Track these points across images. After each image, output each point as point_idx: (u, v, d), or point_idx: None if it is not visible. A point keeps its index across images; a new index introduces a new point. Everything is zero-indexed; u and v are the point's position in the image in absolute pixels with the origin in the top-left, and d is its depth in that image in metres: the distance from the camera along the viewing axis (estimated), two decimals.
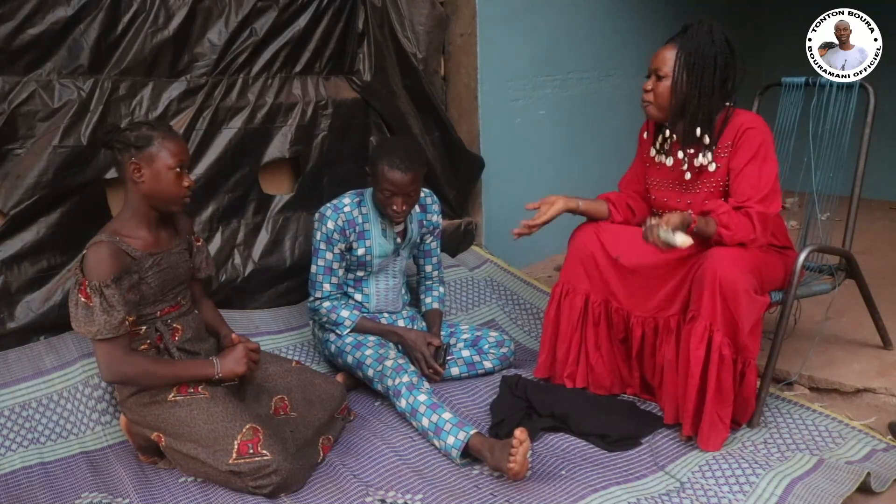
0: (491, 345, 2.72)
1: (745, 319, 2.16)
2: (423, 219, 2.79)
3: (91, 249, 2.00)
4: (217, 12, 2.74)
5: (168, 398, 2.07)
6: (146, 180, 2.05)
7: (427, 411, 2.27)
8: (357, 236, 2.62)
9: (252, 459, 1.99)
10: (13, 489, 2.08)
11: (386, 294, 2.75)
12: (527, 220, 2.46)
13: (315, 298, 2.66)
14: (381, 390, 2.46)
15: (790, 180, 2.72)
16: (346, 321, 2.63)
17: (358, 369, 2.55)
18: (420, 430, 2.30)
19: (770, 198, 2.26)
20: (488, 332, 2.78)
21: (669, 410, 2.30)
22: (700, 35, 2.26)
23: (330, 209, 2.61)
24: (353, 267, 2.69)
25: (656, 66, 2.32)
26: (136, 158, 2.03)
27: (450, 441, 2.18)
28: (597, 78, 4.10)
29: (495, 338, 2.74)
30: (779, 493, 1.94)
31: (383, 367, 2.45)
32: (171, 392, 2.08)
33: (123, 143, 2.03)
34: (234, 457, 1.99)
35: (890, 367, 2.62)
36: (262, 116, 2.87)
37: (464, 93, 3.50)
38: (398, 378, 2.38)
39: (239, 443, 2.00)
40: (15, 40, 2.35)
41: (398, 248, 2.71)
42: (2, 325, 2.41)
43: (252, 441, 2.01)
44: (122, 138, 2.04)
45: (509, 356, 2.73)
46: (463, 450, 2.16)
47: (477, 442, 2.14)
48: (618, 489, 2.02)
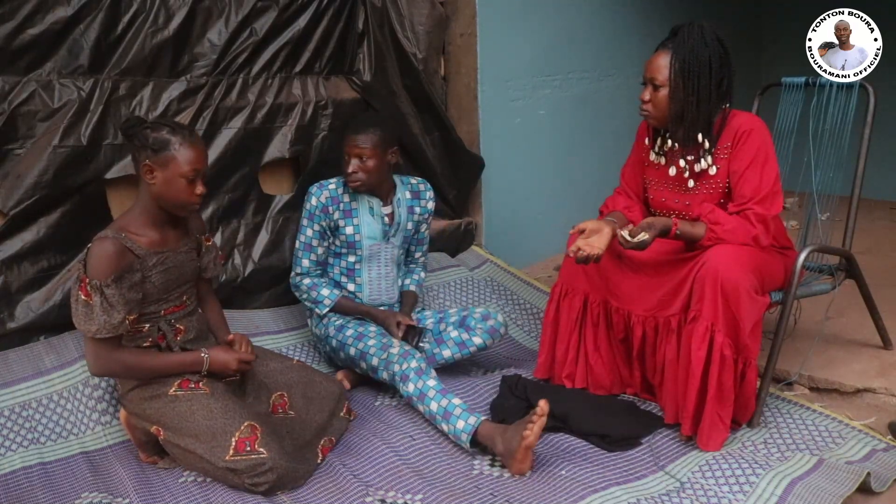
0: (477, 320, 2.68)
1: (747, 319, 2.16)
2: (417, 205, 2.79)
3: (95, 244, 1.99)
4: (217, 12, 2.73)
5: (168, 392, 2.07)
6: (157, 183, 2.03)
7: (437, 395, 2.27)
8: (343, 214, 2.64)
9: (248, 457, 1.99)
10: (13, 489, 2.08)
11: (379, 283, 2.74)
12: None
13: (295, 274, 2.70)
14: (386, 378, 2.45)
15: (790, 180, 2.72)
16: (325, 300, 2.65)
17: (361, 360, 2.54)
18: (427, 415, 2.29)
19: (770, 199, 2.26)
20: (474, 309, 2.76)
21: (670, 410, 2.30)
22: (692, 38, 2.23)
23: (315, 186, 2.66)
24: (344, 251, 2.69)
25: (651, 75, 2.29)
26: (151, 160, 2.02)
27: (459, 425, 2.18)
28: (597, 78, 4.11)
29: (481, 312, 2.71)
30: (779, 493, 1.94)
31: (388, 354, 2.45)
32: (171, 387, 2.08)
33: (141, 142, 2.02)
34: (231, 454, 1.99)
35: (890, 367, 2.62)
36: (262, 116, 2.87)
37: (464, 93, 3.50)
38: (406, 363, 2.37)
39: (237, 440, 2.00)
40: (15, 40, 2.35)
41: (387, 232, 2.70)
42: (2, 325, 2.41)
43: (249, 439, 2.01)
44: (142, 136, 2.02)
45: (498, 328, 2.67)
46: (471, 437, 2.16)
47: (487, 428, 2.15)
48: (618, 489, 2.02)
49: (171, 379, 2.10)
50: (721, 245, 2.21)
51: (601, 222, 2.33)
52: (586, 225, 2.32)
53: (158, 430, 2.10)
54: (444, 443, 2.28)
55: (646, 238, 2.21)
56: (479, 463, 2.18)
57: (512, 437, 2.09)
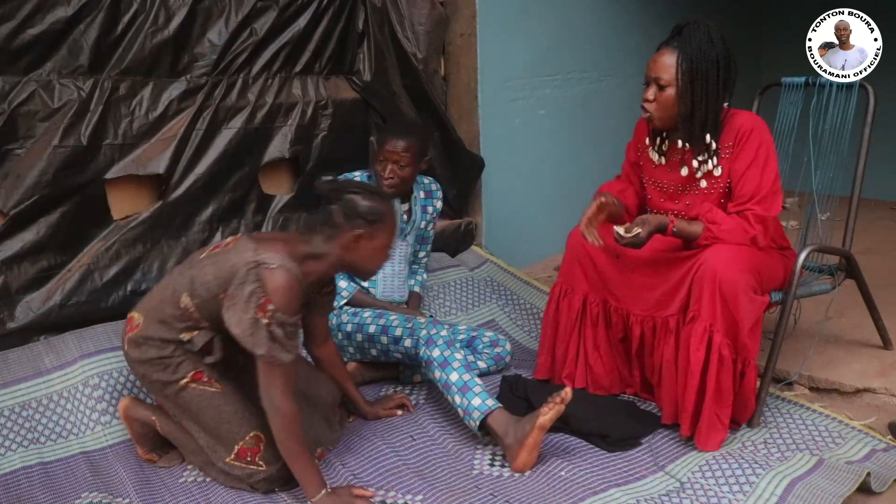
0: (485, 345, 2.71)
1: (745, 319, 2.16)
2: (430, 204, 2.85)
3: (277, 273, 1.87)
4: (217, 12, 2.74)
5: (180, 382, 2.03)
6: (360, 251, 1.99)
7: (460, 368, 2.27)
8: None
9: (247, 467, 2.00)
10: (13, 489, 2.08)
11: (392, 280, 2.77)
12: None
13: None
14: (409, 344, 2.42)
15: (790, 180, 2.71)
16: (343, 291, 2.66)
17: (382, 335, 2.52)
18: (442, 383, 2.27)
19: (769, 200, 2.25)
20: (484, 332, 2.78)
21: (668, 410, 2.30)
22: (698, 37, 2.20)
23: (342, 177, 2.68)
24: None
25: (656, 74, 2.25)
26: (363, 230, 1.97)
27: (475, 402, 2.19)
28: (597, 78, 4.10)
29: (490, 338, 2.74)
30: (779, 493, 1.94)
31: (414, 323, 2.45)
32: (185, 377, 2.03)
33: (352, 211, 1.96)
34: (231, 457, 2.00)
35: (890, 367, 2.62)
36: (262, 116, 2.87)
37: (464, 93, 3.50)
38: (436, 330, 2.37)
39: (239, 447, 2.01)
40: (15, 40, 2.35)
41: (404, 229, 2.75)
42: (2, 325, 2.41)
43: (252, 451, 2.01)
44: (352, 206, 1.95)
45: (504, 356, 2.72)
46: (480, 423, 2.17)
47: (502, 415, 2.16)
48: (617, 491, 2.02)
49: (184, 369, 2.03)
50: (719, 245, 2.20)
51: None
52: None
53: (155, 422, 2.07)
54: (445, 443, 2.28)
55: (640, 233, 2.20)
56: (479, 463, 2.18)
57: (525, 424, 2.10)
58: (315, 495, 1.91)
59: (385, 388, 2.60)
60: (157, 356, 2.04)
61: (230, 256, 1.96)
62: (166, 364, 2.04)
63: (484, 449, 2.25)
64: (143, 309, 2.11)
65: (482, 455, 2.22)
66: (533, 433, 2.08)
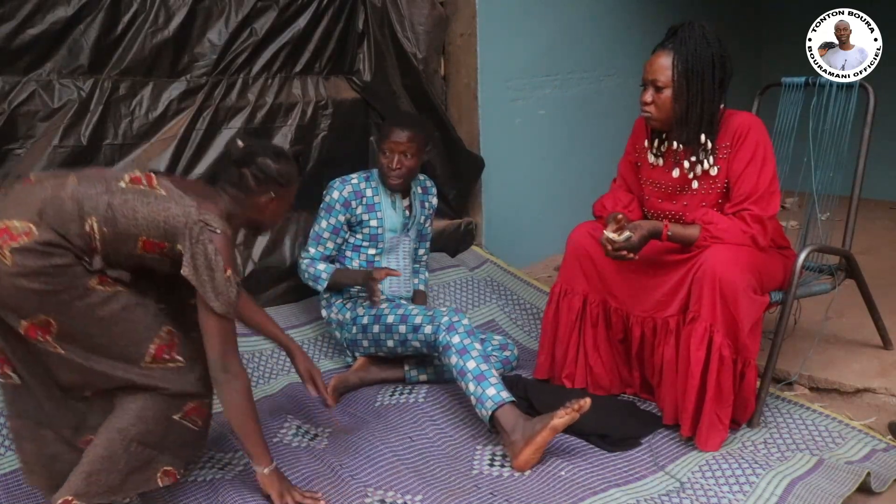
0: (494, 347, 2.71)
1: (745, 319, 2.16)
2: (426, 200, 2.89)
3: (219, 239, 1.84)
4: (217, 12, 2.74)
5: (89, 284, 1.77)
6: (269, 210, 2.01)
7: (479, 357, 2.28)
8: (366, 209, 2.70)
9: (166, 365, 1.86)
10: (13, 489, 2.08)
11: (398, 276, 2.77)
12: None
13: (301, 258, 2.74)
14: (428, 332, 2.42)
15: (790, 180, 2.72)
16: (322, 273, 2.68)
17: (401, 323, 2.51)
18: (457, 369, 2.28)
19: (766, 199, 2.25)
20: (492, 335, 2.79)
21: (668, 411, 2.30)
22: (694, 38, 2.21)
23: (338, 181, 2.71)
24: (365, 244, 2.73)
25: (653, 76, 2.26)
26: (276, 193, 1.98)
27: (490, 392, 2.20)
28: (597, 78, 4.10)
29: (499, 341, 2.75)
30: (779, 493, 1.94)
31: (435, 311, 2.45)
32: (93, 278, 1.78)
33: (265, 175, 1.96)
34: (148, 360, 1.84)
35: (890, 367, 2.62)
36: (262, 116, 2.87)
37: (464, 93, 3.50)
38: (458, 318, 2.39)
39: (156, 347, 1.85)
40: (15, 40, 2.35)
41: (406, 224, 2.77)
42: None
43: (169, 345, 1.87)
44: (265, 170, 1.96)
45: (511, 360, 2.72)
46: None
47: (513, 411, 2.17)
48: (617, 491, 2.02)
49: (89, 273, 1.78)
50: (719, 245, 2.20)
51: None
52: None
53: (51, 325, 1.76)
54: (444, 443, 2.28)
55: (631, 236, 2.19)
56: (479, 463, 2.18)
57: (536, 424, 2.10)
58: (268, 465, 1.96)
59: (380, 394, 2.59)
60: (63, 263, 1.74)
61: (168, 205, 1.82)
62: (74, 272, 1.76)
63: (483, 449, 2.25)
64: (26, 215, 1.73)
65: (482, 455, 2.22)
66: (544, 433, 2.09)
